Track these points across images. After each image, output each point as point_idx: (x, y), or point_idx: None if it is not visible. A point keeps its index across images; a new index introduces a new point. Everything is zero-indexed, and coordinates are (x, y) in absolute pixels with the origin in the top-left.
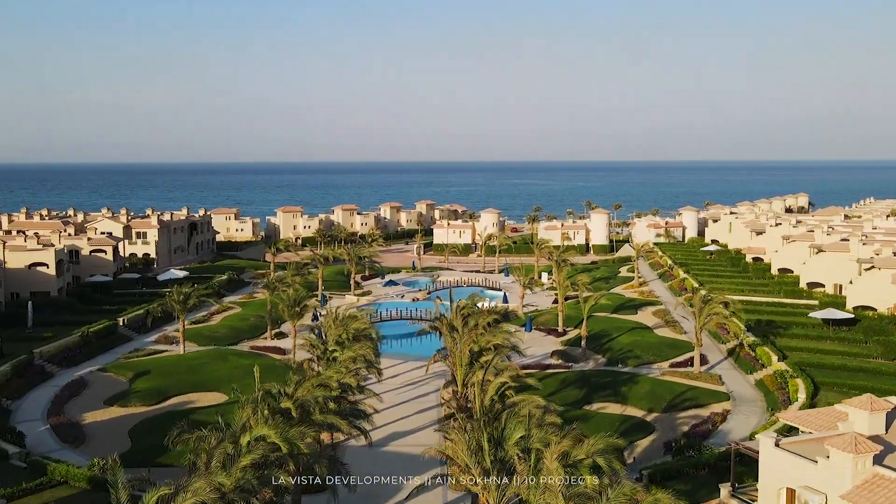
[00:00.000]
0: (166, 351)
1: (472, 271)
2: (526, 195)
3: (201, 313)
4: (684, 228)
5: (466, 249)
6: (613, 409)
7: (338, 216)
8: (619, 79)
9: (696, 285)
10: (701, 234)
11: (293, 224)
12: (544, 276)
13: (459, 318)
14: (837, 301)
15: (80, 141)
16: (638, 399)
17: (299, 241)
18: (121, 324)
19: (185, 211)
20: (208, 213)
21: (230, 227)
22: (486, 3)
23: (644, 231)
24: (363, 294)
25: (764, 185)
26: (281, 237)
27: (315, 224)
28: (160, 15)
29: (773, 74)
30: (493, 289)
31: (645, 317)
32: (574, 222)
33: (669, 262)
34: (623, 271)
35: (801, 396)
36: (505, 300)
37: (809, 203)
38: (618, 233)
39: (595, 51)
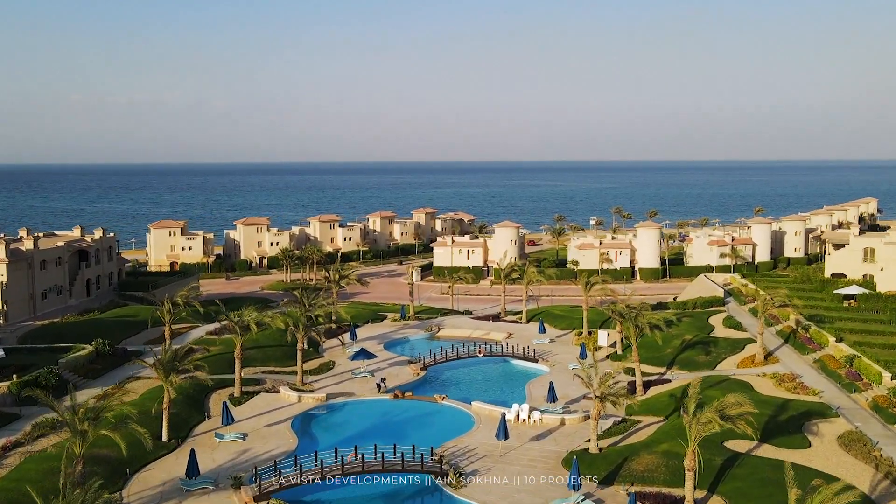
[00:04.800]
0: None
1: (488, 318)
2: (539, 198)
3: None
4: (755, 246)
5: (477, 273)
6: None
7: (314, 229)
8: (621, 79)
9: (886, 376)
10: (773, 252)
11: (257, 240)
12: (602, 335)
13: None
14: None
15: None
16: None
17: (265, 263)
18: None
19: (77, 231)
20: (109, 233)
21: (175, 244)
22: (489, 3)
23: (704, 250)
24: (317, 372)
25: (791, 186)
26: (242, 256)
27: (284, 240)
28: (159, 15)
29: (774, 73)
30: (524, 358)
31: (827, 449)
32: (613, 238)
33: (794, 316)
34: (717, 325)
35: None
36: (552, 397)
37: (878, 210)
38: (659, 243)
39: (597, 50)
